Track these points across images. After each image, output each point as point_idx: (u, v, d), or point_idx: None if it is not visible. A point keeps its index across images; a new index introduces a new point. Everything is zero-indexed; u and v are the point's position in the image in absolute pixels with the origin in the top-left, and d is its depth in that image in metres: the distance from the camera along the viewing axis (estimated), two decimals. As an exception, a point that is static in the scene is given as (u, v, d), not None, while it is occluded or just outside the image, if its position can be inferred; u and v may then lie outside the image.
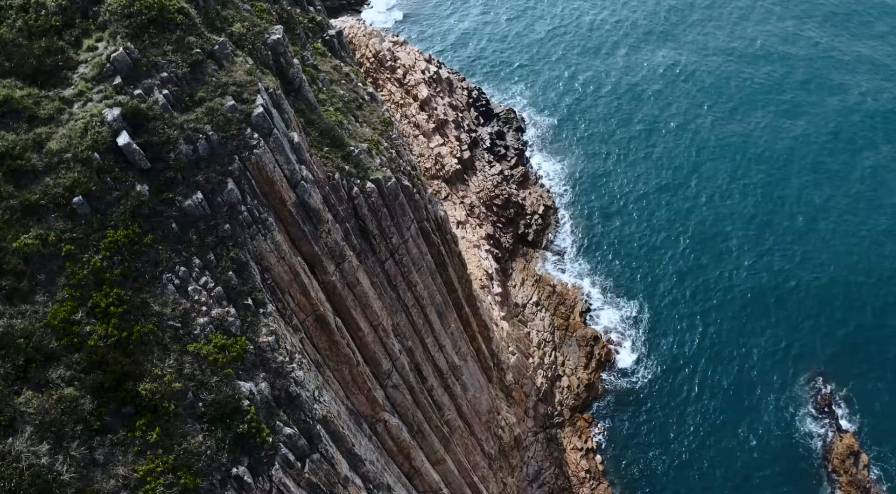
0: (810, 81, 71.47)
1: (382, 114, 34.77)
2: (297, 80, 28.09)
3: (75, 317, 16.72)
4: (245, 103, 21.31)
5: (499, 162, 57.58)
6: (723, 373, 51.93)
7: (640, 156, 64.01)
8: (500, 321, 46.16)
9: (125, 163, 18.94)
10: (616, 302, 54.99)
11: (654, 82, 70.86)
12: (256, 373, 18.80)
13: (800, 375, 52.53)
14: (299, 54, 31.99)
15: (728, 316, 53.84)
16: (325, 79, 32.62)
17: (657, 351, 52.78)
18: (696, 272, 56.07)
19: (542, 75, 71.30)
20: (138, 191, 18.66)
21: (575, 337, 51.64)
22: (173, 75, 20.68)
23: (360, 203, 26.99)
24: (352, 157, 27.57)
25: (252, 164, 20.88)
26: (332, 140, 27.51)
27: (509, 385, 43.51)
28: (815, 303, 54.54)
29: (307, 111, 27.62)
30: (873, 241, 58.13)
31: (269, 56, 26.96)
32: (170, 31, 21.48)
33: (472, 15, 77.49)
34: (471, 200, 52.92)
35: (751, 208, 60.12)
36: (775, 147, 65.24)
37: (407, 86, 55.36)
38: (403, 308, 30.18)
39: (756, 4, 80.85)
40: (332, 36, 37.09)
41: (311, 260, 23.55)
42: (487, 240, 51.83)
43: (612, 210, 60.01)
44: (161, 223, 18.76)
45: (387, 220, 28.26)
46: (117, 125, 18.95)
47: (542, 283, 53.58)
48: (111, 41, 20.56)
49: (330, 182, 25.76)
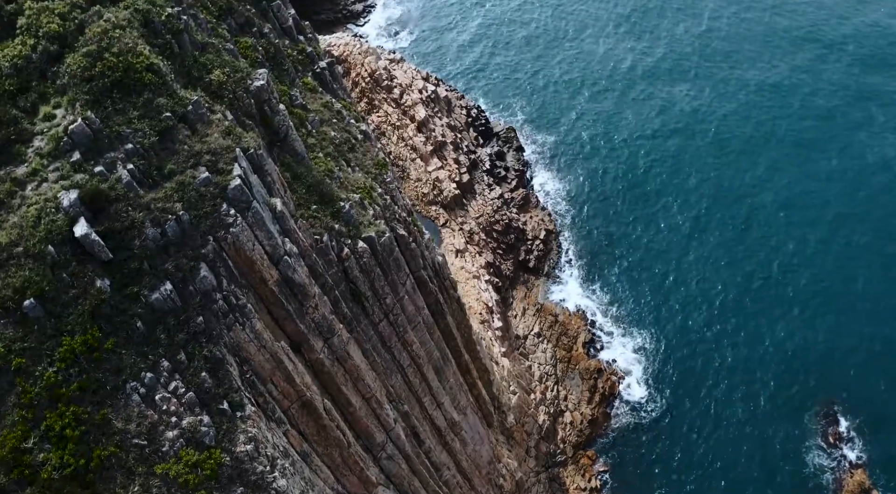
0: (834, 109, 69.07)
1: (376, 155, 32.68)
2: (284, 128, 26.02)
3: (27, 445, 14.73)
4: (220, 174, 19.24)
5: (499, 185, 55.49)
6: (731, 406, 50.12)
7: (645, 176, 61.92)
8: (501, 358, 44.27)
9: (84, 255, 16.89)
10: (621, 332, 53.08)
11: (659, 97, 68.67)
12: (233, 489, 16.86)
13: (811, 407, 50.75)
14: (287, 94, 29.88)
15: (737, 346, 51.96)
16: (314, 120, 30.50)
17: (663, 383, 50.93)
18: (704, 300, 54.12)
19: (543, 91, 69.08)
20: (98, 288, 16.61)
21: (578, 370, 49.79)
22: (139, 146, 18.60)
23: (350, 265, 24.98)
24: (342, 214, 25.53)
25: (229, 245, 18.85)
26: (321, 195, 25.46)
27: (510, 427, 41.69)
28: (827, 334, 52.70)
29: (294, 164, 25.54)
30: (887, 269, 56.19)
31: (252, 105, 24.87)
32: (136, 94, 19.37)
33: (472, 29, 75.18)
34: (470, 227, 50.89)
35: (763, 230, 58.10)
36: (790, 168, 63.09)
37: (404, 106, 53.17)
38: (399, 369, 28.25)
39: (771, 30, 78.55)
40: (323, 68, 34.90)
41: (297, 340, 21.57)
42: (487, 268, 49.85)
43: (617, 233, 57.96)
44: (124, 323, 16.75)
45: (380, 281, 26.26)
46: (74, 211, 16.89)
47: (544, 312, 51.65)
48: (70, 109, 18.47)
49: (317, 246, 23.74)
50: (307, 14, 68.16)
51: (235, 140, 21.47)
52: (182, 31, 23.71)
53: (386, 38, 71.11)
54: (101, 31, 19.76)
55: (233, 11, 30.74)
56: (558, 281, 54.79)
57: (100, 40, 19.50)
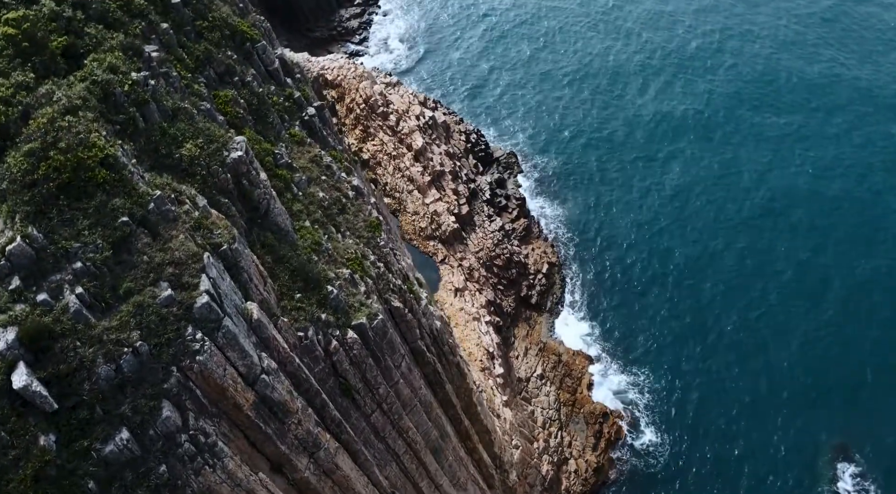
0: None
1: (368, 215, 30.16)
2: (265, 202, 23.52)
3: None
4: (185, 290, 16.76)
5: (499, 215, 52.96)
6: (742, 452, 48.01)
7: (653, 203, 59.39)
8: (503, 409, 42.03)
9: (25, 407, 14.45)
10: (627, 371, 50.83)
11: (666, 120, 65.95)
12: None
13: (823, 453, 48.67)
14: (270, 153, 27.31)
15: (750, 391, 49.74)
16: (301, 180, 27.96)
17: (671, 426, 48.76)
18: (719, 339, 51.74)
19: (546, 112, 66.32)
20: (42, 447, 14.17)
21: (582, 414, 47.58)
22: (90, 264, 16.09)
23: (339, 359, 22.59)
24: (329, 301, 23.08)
25: (196, 374, 16.43)
26: (306, 280, 22.99)
27: (513, 485, 39.54)
28: (839, 377, 50.48)
29: (276, 245, 23.05)
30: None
31: (229, 179, 22.36)
32: (87, 198, 16.84)
33: (471, 46, 72.28)
34: (470, 263, 48.45)
35: (780, 264, 55.59)
36: (804, 201, 60.54)
37: (400, 134, 50.51)
38: (394, 457, 25.95)
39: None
40: (311, 115, 32.26)
41: (278, 461, 19.22)
42: (488, 307, 47.48)
43: (622, 265, 55.53)
44: (74, 486, 14.33)
45: (372, 371, 23.88)
46: (13, 354, 14.43)
47: (547, 352, 49.36)
48: (8, 223, 15.94)
49: (302, 344, 21.33)
50: (301, 31, 65.25)
51: (206, 235, 19.05)
52: (147, 101, 21.19)
53: (382, 56, 68.15)
54: (48, 121, 17.22)
55: (212, 60, 28.12)
56: (561, 317, 52.43)
57: (45, 133, 16.96)
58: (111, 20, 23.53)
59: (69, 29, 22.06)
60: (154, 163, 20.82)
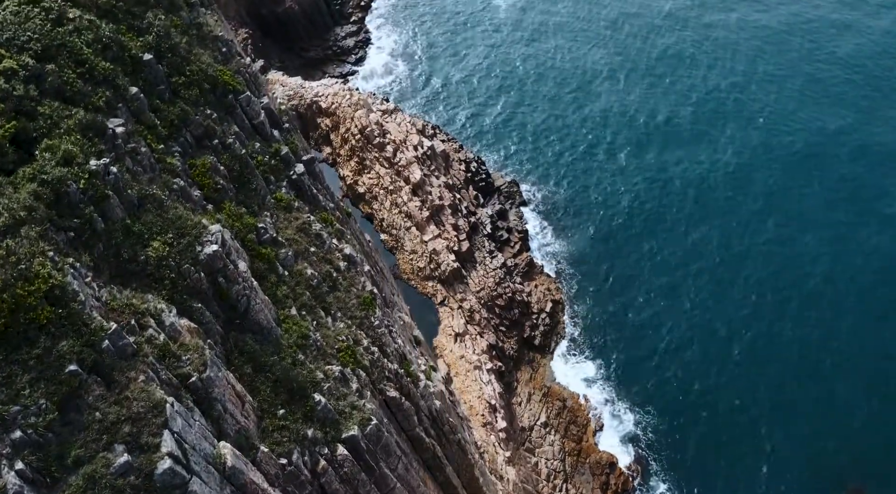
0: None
1: (362, 289, 27.68)
2: (244, 300, 21.03)
3: None
4: (145, 452, 14.30)
5: (500, 250, 50.46)
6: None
7: (661, 232, 56.91)
8: (505, 468, 39.83)
9: None
10: (635, 416, 48.62)
11: (678, 147, 63.18)
12: None
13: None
14: (254, 229, 24.75)
15: (763, 438, 47.62)
16: (288, 257, 25.42)
17: (681, 476, 46.65)
18: (729, 381, 49.49)
19: (551, 137, 63.53)
20: None
21: (588, 464, 45.47)
22: (32, 432, 13.64)
23: (328, 480, 20.22)
24: (316, 413, 20.68)
25: (156, 554, 14.06)
26: (291, 391, 20.58)
27: (516, 551, 37.50)
28: (848, 413, 48.40)
29: (257, 350, 20.59)
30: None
31: (203, 279, 19.87)
32: (29, 345, 14.34)
33: (470, 66, 69.41)
34: (470, 304, 46.04)
35: (795, 302, 53.19)
36: (806, 234, 58.12)
37: (398, 166, 47.87)
38: (389, 566, 23.70)
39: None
40: (300, 173, 29.63)
41: None
42: (489, 352, 45.15)
43: (630, 301, 53.14)
44: None
45: (366, 487, 21.55)
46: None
47: (551, 397, 47.12)
48: (-70, 388, 13.47)
49: (285, 472, 18.96)
50: (295, 51, 62.14)
51: (172, 365, 16.62)
52: (107, 196, 18.65)
53: (379, 77, 65.17)
54: (-18, 251, 14.67)
55: (188, 123, 25.48)
56: (565, 358, 50.14)
57: (-22, 270, 14.41)
58: (70, 93, 20.87)
59: (20, 109, 19.49)
60: (115, 272, 18.34)
